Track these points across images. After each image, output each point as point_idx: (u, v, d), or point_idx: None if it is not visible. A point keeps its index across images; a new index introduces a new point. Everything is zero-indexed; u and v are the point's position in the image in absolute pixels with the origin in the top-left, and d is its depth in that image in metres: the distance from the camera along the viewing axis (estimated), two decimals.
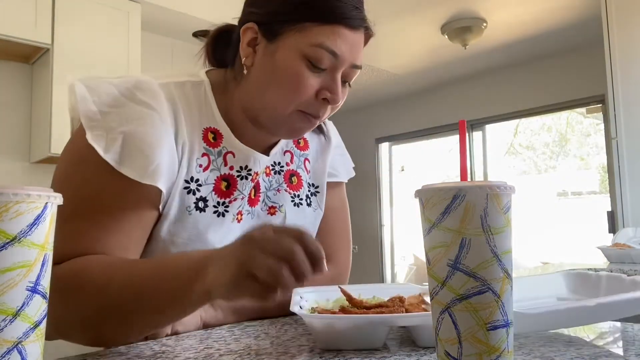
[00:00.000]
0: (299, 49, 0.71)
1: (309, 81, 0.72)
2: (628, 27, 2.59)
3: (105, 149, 0.65)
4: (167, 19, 3.03)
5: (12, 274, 0.38)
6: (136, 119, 0.68)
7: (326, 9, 0.71)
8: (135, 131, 0.67)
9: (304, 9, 0.72)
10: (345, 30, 0.72)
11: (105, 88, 0.70)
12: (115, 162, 0.65)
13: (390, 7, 3.42)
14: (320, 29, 0.71)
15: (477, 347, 0.42)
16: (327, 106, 0.76)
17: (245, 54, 0.75)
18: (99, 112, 0.67)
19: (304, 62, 0.72)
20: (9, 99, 2.68)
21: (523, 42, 4.09)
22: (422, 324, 0.56)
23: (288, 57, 0.72)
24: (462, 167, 0.48)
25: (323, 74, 0.73)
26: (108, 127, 0.66)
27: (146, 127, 0.67)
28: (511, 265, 0.44)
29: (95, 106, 0.68)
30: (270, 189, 0.85)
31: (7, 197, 0.38)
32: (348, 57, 0.73)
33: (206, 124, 0.77)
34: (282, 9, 0.73)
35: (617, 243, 1.86)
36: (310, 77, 0.72)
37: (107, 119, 0.67)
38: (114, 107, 0.68)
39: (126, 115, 0.68)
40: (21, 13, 2.43)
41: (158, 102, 0.70)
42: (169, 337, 0.67)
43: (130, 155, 0.66)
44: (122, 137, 0.66)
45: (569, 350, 0.54)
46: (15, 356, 0.38)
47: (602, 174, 4.52)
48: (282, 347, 0.59)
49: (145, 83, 0.72)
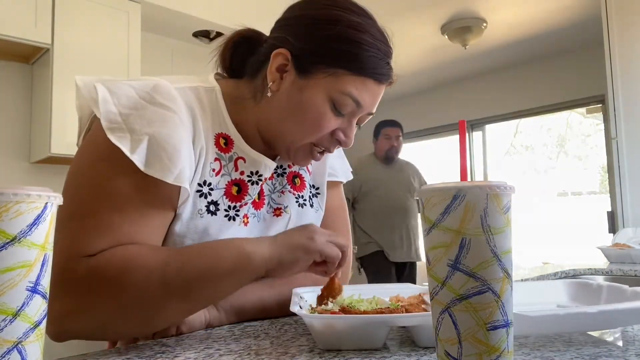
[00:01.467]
0: (327, 92, 0.75)
1: (329, 122, 0.76)
2: (628, 27, 2.59)
3: (130, 149, 0.65)
4: (167, 19, 3.03)
5: (12, 274, 0.38)
6: (159, 121, 0.69)
7: (362, 62, 0.74)
8: (160, 133, 0.68)
9: (341, 57, 0.74)
10: (373, 84, 0.76)
11: (125, 90, 0.71)
12: (141, 163, 0.65)
13: (391, 7, 3.42)
14: (351, 78, 0.74)
15: (477, 347, 0.42)
16: (337, 144, 0.81)
17: (273, 78, 0.77)
18: (119, 114, 0.68)
19: (328, 105, 0.75)
20: (9, 99, 2.68)
21: (523, 42, 4.08)
22: (422, 324, 0.56)
23: (316, 96, 0.75)
24: (462, 167, 0.48)
25: (341, 117, 0.77)
26: (131, 129, 0.67)
27: (169, 130, 0.68)
28: (511, 265, 0.44)
29: (116, 108, 0.68)
30: (275, 191, 0.86)
31: (7, 197, 0.38)
32: (369, 106, 0.78)
33: (218, 129, 0.78)
34: (321, 51, 0.75)
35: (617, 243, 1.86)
36: (331, 119, 0.76)
37: (129, 121, 0.68)
38: (134, 110, 0.69)
39: (148, 118, 0.68)
40: (21, 13, 2.43)
41: (177, 105, 0.72)
42: (169, 338, 0.67)
43: (155, 156, 0.66)
44: (147, 138, 0.67)
45: (569, 350, 0.54)
46: (15, 356, 0.38)
47: (602, 174, 4.51)
48: (282, 347, 0.59)
49: (163, 87, 0.73)
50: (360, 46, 0.74)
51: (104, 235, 0.64)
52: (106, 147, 0.66)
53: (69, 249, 0.63)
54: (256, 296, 0.79)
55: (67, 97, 2.50)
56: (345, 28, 0.74)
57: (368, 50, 0.74)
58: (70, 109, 2.50)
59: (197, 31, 3.24)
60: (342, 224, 0.98)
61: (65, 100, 2.49)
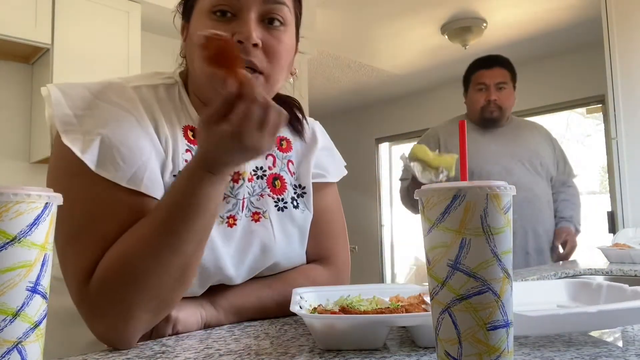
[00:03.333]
0: (202, 11, 0.74)
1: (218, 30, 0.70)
2: (628, 27, 2.59)
3: (82, 150, 0.65)
4: (167, 19, 3.02)
5: (12, 274, 0.38)
6: (113, 121, 0.68)
7: None
8: (114, 133, 0.67)
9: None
10: None
11: (79, 91, 0.70)
12: (92, 163, 0.64)
13: (391, 7, 3.42)
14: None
15: (477, 347, 0.42)
16: (250, 49, 0.71)
17: (181, 47, 0.81)
18: (74, 116, 0.67)
19: (209, 17, 0.73)
20: (9, 99, 2.68)
21: (523, 42, 4.09)
22: (422, 324, 0.56)
23: (197, 22, 0.75)
24: (462, 167, 0.48)
25: (235, 21, 0.72)
26: (85, 130, 0.66)
27: (124, 129, 0.67)
28: (511, 265, 0.44)
29: (70, 110, 0.68)
30: (254, 194, 0.82)
31: (7, 197, 0.38)
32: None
33: (184, 122, 0.77)
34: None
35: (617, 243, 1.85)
36: (216, 27, 0.68)
37: (83, 122, 0.67)
38: (88, 110, 0.68)
39: (103, 117, 0.68)
40: (21, 13, 2.43)
41: (133, 104, 0.71)
42: (169, 338, 0.67)
43: (108, 157, 0.65)
44: (100, 138, 0.66)
45: (569, 350, 0.54)
46: (15, 356, 0.38)
47: (602, 174, 4.51)
48: (282, 347, 0.59)
49: (117, 85, 0.73)
50: None
51: (97, 250, 0.63)
52: (71, 160, 0.65)
53: (77, 275, 0.63)
54: (255, 296, 0.79)
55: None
56: None
57: None
58: None
59: None
60: (338, 226, 0.95)
61: None
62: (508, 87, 2.11)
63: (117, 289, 0.61)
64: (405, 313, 0.60)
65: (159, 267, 0.62)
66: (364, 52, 4.31)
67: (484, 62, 2.15)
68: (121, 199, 0.65)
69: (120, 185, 0.65)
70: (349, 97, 5.51)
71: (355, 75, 4.87)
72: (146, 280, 0.62)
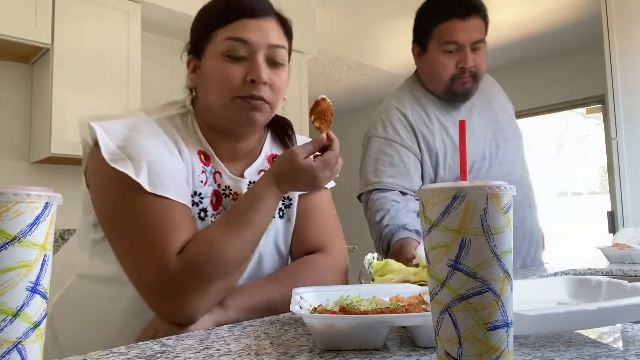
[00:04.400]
0: (216, 51, 0.86)
1: (232, 71, 0.85)
2: (628, 27, 2.59)
3: (135, 174, 0.77)
4: (167, 19, 3.03)
5: (12, 274, 0.38)
6: (152, 150, 0.81)
7: (225, 13, 0.87)
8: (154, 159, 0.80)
9: (210, 23, 0.88)
10: (249, 21, 0.86)
11: (116, 128, 0.82)
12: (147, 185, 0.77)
13: (391, 7, 3.42)
14: (226, 29, 0.86)
15: (477, 348, 0.42)
16: (260, 86, 0.85)
17: (190, 78, 0.93)
18: (117, 147, 0.80)
19: (222, 59, 0.86)
20: (9, 99, 2.68)
21: (523, 42, 4.09)
22: (422, 324, 0.56)
23: (210, 62, 0.87)
24: (462, 167, 0.48)
25: (245, 62, 0.86)
26: (130, 156, 0.79)
27: (161, 156, 0.82)
28: (511, 265, 0.44)
29: (113, 143, 0.80)
30: None
31: (7, 197, 0.38)
32: (260, 40, 0.86)
33: (197, 147, 0.91)
34: (197, 31, 0.91)
35: (617, 243, 1.85)
36: (232, 67, 0.85)
37: (126, 151, 0.79)
38: (127, 142, 0.81)
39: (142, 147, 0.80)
40: (21, 13, 2.42)
41: (160, 135, 0.85)
42: (169, 337, 0.67)
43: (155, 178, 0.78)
44: (146, 164, 0.78)
45: (569, 350, 0.54)
46: (15, 356, 0.38)
47: (602, 174, 4.51)
48: (282, 347, 0.59)
49: (144, 119, 0.86)
50: (216, 7, 0.89)
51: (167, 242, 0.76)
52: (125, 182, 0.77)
53: (156, 264, 0.75)
54: (265, 296, 0.84)
55: (67, 97, 2.50)
56: (204, 9, 0.92)
57: (224, 3, 0.88)
58: (71, 109, 2.50)
59: None
60: (332, 222, 1.03)
61: (65, 100, 2.49)
62: (484, 46, 1.46)
63: (203, 269, 0.75)
64: (405, 313, 0.60)
65: (235, 252, 0.78)
66: (364, 52, 4.31)
67: (457, 9, 1.41)
68: (172, 206, 0.79)
69: (170, 199, 0.79)
70: (349, 97, 5.50)
71: (355, 75, 4.87)
72: (224, 263, 0.76)
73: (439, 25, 1.43)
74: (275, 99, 0.89)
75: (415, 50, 1.56)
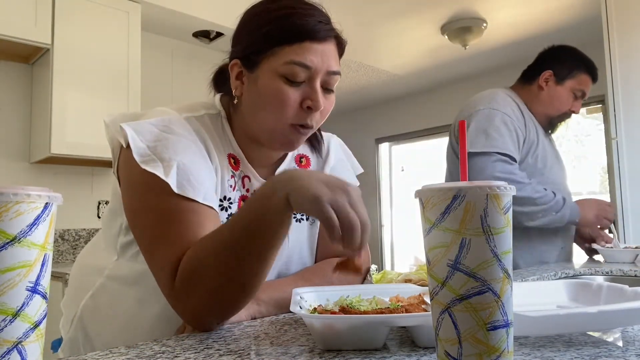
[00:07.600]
0: (275, 71, 0.82)
1: (289, 95, 0.82)
2: (628, 27, 2.59)
3: (164, 174, 0.75)
4: (167, 19, 3.03)
5: (12, 274, 0.38)
6: (182, 150, 0.78)
7: (290, 31, 0.82)
8: (184, 160, 0.77)
9: (271, 37, 0.82)
10: (312, 44, 0.82)
11: (147, 128, 0.81)
12: (174, 186, 0.74)
13: (391, 7, 3.42)
14: (289, 49, 0.81)
15: (477, 348, 0.42)
16: (313, 114, 0.84)
17: (235, 86, 0.87)
18: (147, 147, 0.78)
19: (281, 80, 0.82)
20: (9, 99, 2.68)
21: (523, 42, 4.09)
22: (422, 324, 0.56)
23: (268, 79, 0.83)
24: (462, 167, 0.48)
25: (302, 87, 0.83)
26: (160, 157, 0.77)
27: (192, 157, 0.79)
28: (511, 265, 0.44)
29: (143, 143, 0.79)
30: None
31: (7, 197, 0.38)
32: (320, 66, 0.82)
33: (228, 150, 0.89)
34: (254, 42, 0.84)
35: None
36: (290, 91, 0.82)
37: (156, 151, 0.77)
38: (158, 142, 0.79)
39: (172, 147, 0.78)
40: (21, 13, 2.43)
41: (191, 134, 0.83)
42: (169, 338, 0.67)
43: (185, 180, 0.76)
44: (176, 164, 0.76)
45: (569, 351, 0.54)
46: (15, 356, 0.38)
47: (602, 174, 4.51)
48: (282, 347, 0.59)
49: (175, 118, 0.84)
50: (280, 20, 0.82)
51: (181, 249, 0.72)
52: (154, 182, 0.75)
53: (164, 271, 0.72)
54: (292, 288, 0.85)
55: (67, 97, 2.50)
56: (264, 14, 0.85)
57: (288, 19, 0.82)
58: (70, 109, 2.50)
59: (197, 31, 3.24)
60: None
61: (65, 100, 2.49)
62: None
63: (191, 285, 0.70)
64: (405, 313, 0.60)
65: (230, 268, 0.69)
66: (365, 52, 4.31)
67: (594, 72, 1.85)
68: (199, 209, 0.76)
69: (196, 201, 0.76)
70: (349, 97, 5.50)
71: (355, 75, 4.86)
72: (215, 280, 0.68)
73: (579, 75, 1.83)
74: (320, 122, 0.88)
75: (551, 78, 1.84)
